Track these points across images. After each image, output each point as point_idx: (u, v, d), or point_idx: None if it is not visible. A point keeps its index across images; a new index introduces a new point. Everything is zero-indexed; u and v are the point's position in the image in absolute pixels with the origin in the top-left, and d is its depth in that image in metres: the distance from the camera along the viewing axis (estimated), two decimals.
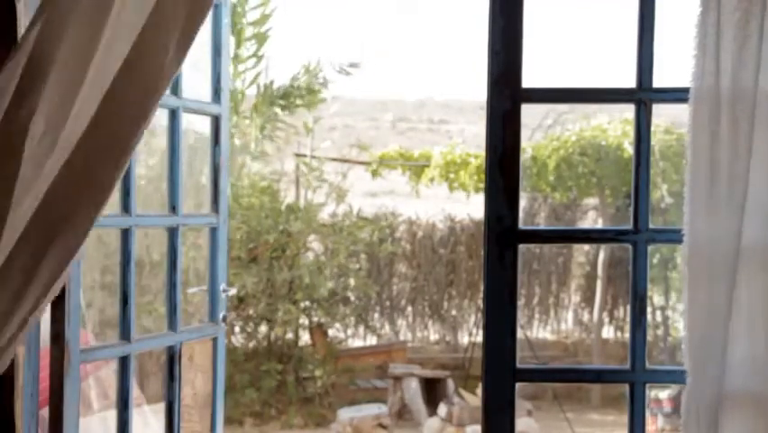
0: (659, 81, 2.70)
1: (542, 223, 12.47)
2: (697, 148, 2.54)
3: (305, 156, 12.01)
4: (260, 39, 11.01)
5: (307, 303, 10.83)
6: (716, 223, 2.53)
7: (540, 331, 12.75)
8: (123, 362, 3.29)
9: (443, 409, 9.80)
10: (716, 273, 2.53)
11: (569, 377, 3.63)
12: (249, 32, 10.98)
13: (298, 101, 11.32)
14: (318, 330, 11.08)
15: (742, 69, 2.50)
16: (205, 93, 3.77)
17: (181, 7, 2.30)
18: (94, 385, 4.41)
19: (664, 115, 11.09)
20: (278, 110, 11.22)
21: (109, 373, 4.40)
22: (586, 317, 12.54)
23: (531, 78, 2.70)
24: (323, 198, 11.65)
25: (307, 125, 11.72)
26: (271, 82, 11.26)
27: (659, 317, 11.39)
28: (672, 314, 11.28)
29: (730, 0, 2.49)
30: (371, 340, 12.25)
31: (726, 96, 2.51)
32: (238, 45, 10.85)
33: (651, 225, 2.74)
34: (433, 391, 10.35)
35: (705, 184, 2.53)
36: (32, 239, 2.27)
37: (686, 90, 2.61)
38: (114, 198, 3.06)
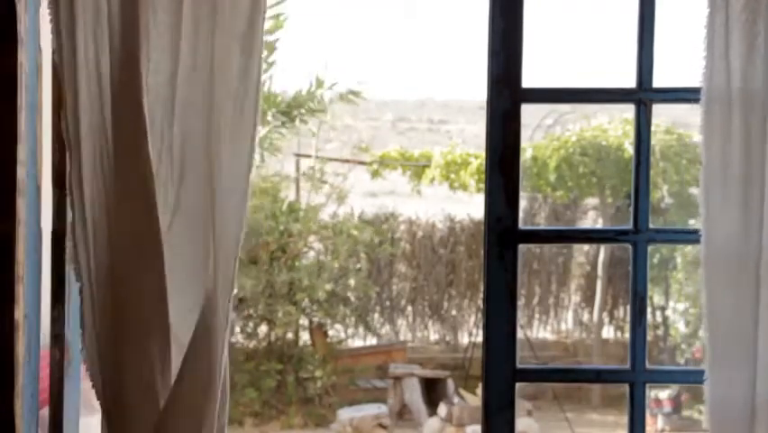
0: (659, 81, 2.70)
1: (542, 223, 12.47)
2: (710, 149, 2.52)
3: (305, 156, 12.02)
4: (269, 48, 11.07)
5: (307, 303, 10.84)
6: (733, 223, 2.51)
7: (540, 331, 12.76)
8: None
9: (443, 409, 9.81)
10: (736, 274, 2.50)
11: (569, 377, 3.62)
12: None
13: (299, 117, 11.36)
14: (318, 330, 11.09)
15: (752, 69, 2.48)
16: None
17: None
18: None
19: (664, 115, 11.10)
20: (280, 125, 11.25)
21: None
22: (586, 317, 12.54)
23: (531, 78, 2.70)
24: (323, 199, 11.66)
25: (312, 131, 11.73)
26: (274, 95, 11.26)
27: (659, 317, 11.40)
28: (672, 314, 11.28)
29: (738, 0, 2.49)
30: (371, 340, 12.26)
31: (737, 97, 2.49)
32: None
33: (651, 225, 2.73)
34: (433, 391, 10.36)
35: (720, 185, 2.51)
36: None
37: (686, 90, 2.61)
38: None
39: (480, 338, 10.32)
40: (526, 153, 10.93)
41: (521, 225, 2.72)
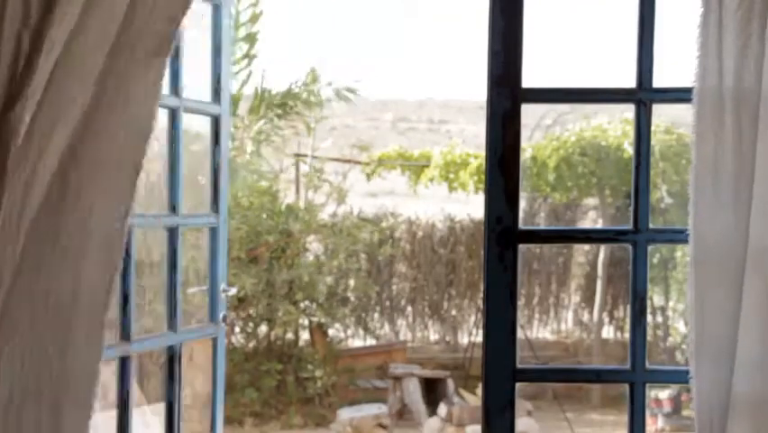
0: (659, 81, 2.70)
1: (542, 223, 12.47)
2: (701, 148, 2.52)
3: (305, 156, 12.01)
4: (251, 39, 10.97)
5: (307, 303, 10.83)
6: (721, 223, 2.51)
7: (540, 331, 12.75)
8: (123, 362, 3.30)
9: (443, 409, 9.80)
10: (723, 274, 2.50)
11: (569, 377, 3.63)
12: (241, 32, 10.95)
13: (295, 109, 11.28)
14: (318, 330, 11.08)
15: (744, 69, 2.48)
16: (204, 93, 3.76)
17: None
18: None
19: (664, 115, 11.08)
20: (274, 117, 11.17)
21: (109, 373, 4.40)
22: (586, 317, 12.54)
23: (531, 78, 2.70)
24: (323, 199, 11.65)
25: (309, 126, 11.70)
26: (268, 91, 11.19)
27: (659, 318, 11.39)
28: (672, 314, 11.28)
29: (732, 0, 2.48)
30: (371, 340, 12.25)
31: (729, 97, 2.49)
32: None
33: (651, 225, 2.74)
34: (433, 391, 10.35)
35: (710, 184, 2.51)
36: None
37: (686, 90, 2.61)
38: None
39: (479, 338, 10.32)
40: (526, 153, 10.92)
41: (521, 225, 2.73)
